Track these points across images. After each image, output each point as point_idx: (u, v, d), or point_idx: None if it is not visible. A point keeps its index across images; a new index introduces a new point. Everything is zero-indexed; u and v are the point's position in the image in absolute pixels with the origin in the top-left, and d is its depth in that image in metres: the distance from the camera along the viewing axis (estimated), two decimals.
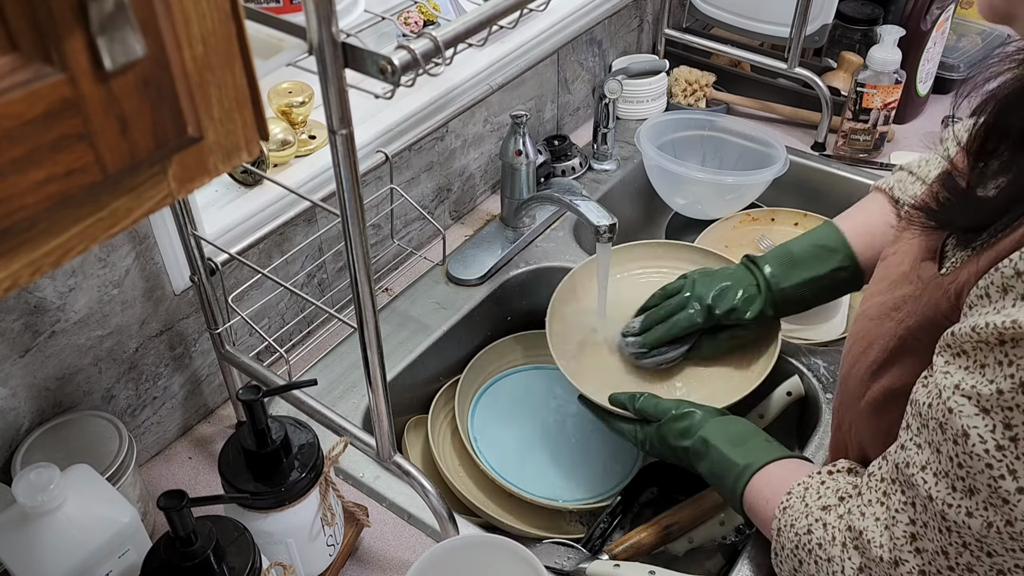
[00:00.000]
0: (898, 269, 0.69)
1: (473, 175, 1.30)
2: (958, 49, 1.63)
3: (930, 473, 0.56)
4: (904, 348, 0.64)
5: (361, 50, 0.53)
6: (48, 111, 0.31)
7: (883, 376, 0.66)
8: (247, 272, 0.95)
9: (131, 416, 0.93)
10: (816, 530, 0.66)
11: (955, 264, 0.61)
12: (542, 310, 1.07)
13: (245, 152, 0.40)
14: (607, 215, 1.00)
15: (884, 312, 0.68)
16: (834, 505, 0.67)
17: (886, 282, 0.70)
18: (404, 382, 1.08)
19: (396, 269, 1.21)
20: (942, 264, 0.64)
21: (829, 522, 0.66)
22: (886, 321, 0.67)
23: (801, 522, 0.68)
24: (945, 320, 0.60)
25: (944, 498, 0.55)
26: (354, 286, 0.65)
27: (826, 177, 1.42)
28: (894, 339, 0.65)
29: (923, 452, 0.57)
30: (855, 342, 0.72)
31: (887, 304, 0.68)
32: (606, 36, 1.49)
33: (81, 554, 0.70)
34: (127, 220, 0.37)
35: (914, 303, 0.64)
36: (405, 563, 0.87)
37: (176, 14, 0.33)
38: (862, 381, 0.69)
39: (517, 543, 0.72)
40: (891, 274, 0.70)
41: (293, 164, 1.03)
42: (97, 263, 0.83)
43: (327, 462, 0.79)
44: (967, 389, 0.52)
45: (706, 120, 1.38)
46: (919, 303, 0.63)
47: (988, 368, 0.51)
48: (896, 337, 0.65)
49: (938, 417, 0.55)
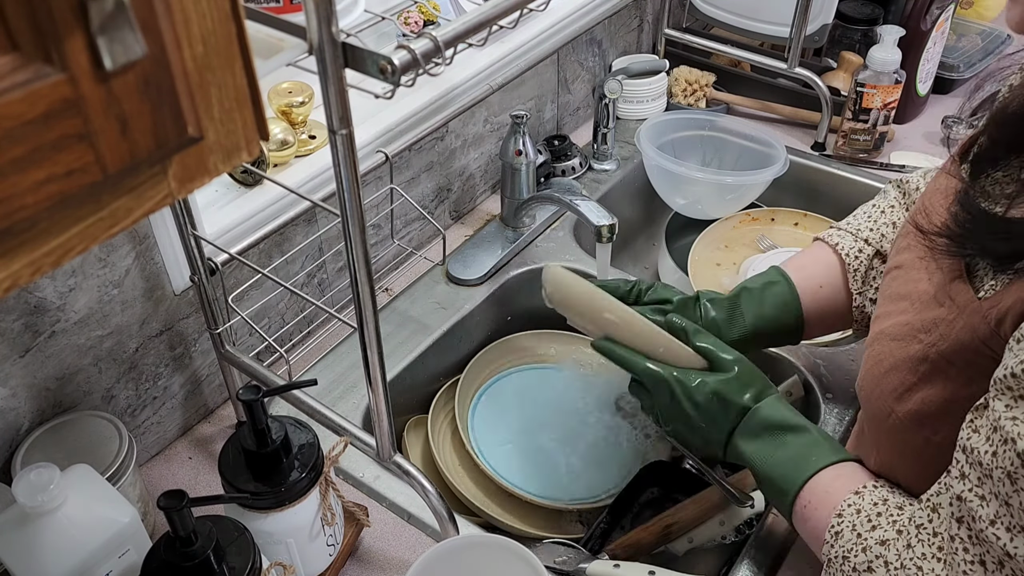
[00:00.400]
0: (918, 287, 0.66)
1: (473, 175, 1.30)
2: (958, 49, 1.63)
3: (1002, 528, 0.53)
4: (935, 372, 0.62)
5: (361, 50, 0.53)
6: (48, 111, 0.31)
7: (910, 399, 0.64)
8: (247, 272, 0.95)
9: (131, 416, 0.93)
10: (877, 569, 0.63)
11: (994, 288, 0.59)
12: (542, 310, 1.06)
13: (245, 152, 0.40)
14: (607, 215, 1.00)
15: (908, 334, 0.65)
16: (892, 540, 0.63)
17: (906, 301, 0.67)
18: (404, 382, 1.08)
19: (396, 269, 1.21)
20: (974, 285, 0.61)
21: (890, 561, 0.62)
22: (911, 343, 0.64)
23: (859, 556, 0.64)
24: (983, 345, 0.58)
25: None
26: (354, 286, 0.65)
27: (826, 177, 1.42)
28: (924, 363, 0.63)
29: (989, 505, 0.54)
30: (875, 363, 0.68)
31: (912, 325, 0.65)
32: (606, 36, 1.49)
33: (81, 554, 0.70)
34: (127, 220, 0.37)
35: (947, 327, 0.61)
36: (405, 563, 0.87)
37: (176, 14, 0.33)
38: (886, 403, 0.66)
39: (517, 543, 0.72)
40: (911, 293, 0.67)
41: (293, 164, 1.03)
42: (97, 263, 0.83)
43: (327, 462, 0.79)
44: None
45: (706, 120, 1.38)
46: (953, 327, 0.61)
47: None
48: (927, 361, 0.62)
49: (1006, 467, 0.52)
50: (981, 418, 0.56)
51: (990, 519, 0.54)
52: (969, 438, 0.56)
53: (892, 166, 1.41)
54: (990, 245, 0.60)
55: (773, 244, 1.30)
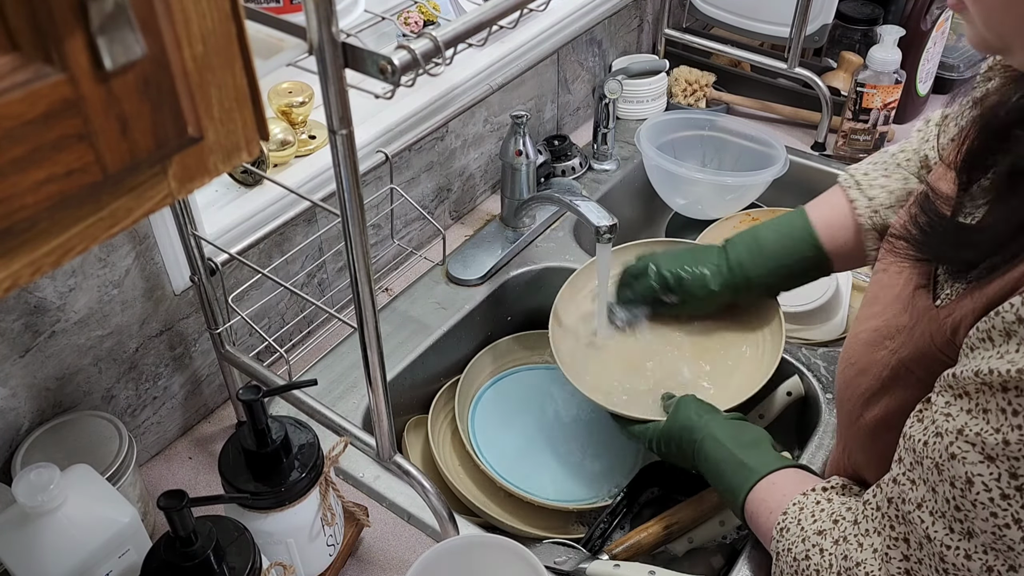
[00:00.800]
0: (890, 292, 0.68)
1: (473, 175, 1.30)
2: (958, 49, 1.62)
3: (926, 512, 0.56)
4: (897, 378, 0.64)
5: (361, 50, 0.53)
6: (48, 111, 0.31)
7: (876, 405, 0.66)
8: (247, 272, 0.95)
9: (131, 416, 0.93)
10: (813, 556, 0.66)
11: (950, 297, 0.60)
12: (542, 310, 1.07)
13: (245, 152, 0.40)
14: (607, 215, 1.00)
15: (876, 340, 0.67)
16: (828, 529, 0.66)
17: (879, 305, 0.69)
18: (404, 382, 1.08)
19: (396, 269, 1.21)
20: (935, 293, 0.62)
21: (825, 548, 0.65)
22: (878, 349, 0.66)
23: (798, 547, 0.68)
24: (939, 353, 0.59)
25: (942, 539, 0.55)
26: (354, 286, 0.65)
27: (826, 177, 1.41)
28: (887, 368, 0.64)
29: (918, 489, 0.57)
30: (847, 365, 0.71)
31: (880, 331, 0.67)
32: (606, 36, 1.49)
33: (81, 554, 0.70)
34: (127, 220, 0.37)
35: (908, 334, 0.63)
36: (405, 563, 0.87)
37: (176, 14, 0.33)
38: (855, 406, 0.69)
39: (517, 543, 0.72)
40: (883, 297, 0.69)
41: (293, 164, 1.03)
42: (97, 263, 0.83)
43: (327, 462, 0.79)
44: (971, 436, 0.52)
45: (706, 120, 1.38)
46: (912, 334, 0.62)
47: (991, 414, 0.51)
48: (889, 367, 0.64)
49: (934, 457, 0.55)
50: (927, 410, 0.58)
51: (917, 502, 0.57)
52: (911, 426, 0.59)
53: None
54: (945, 252, 0.61)
55: None
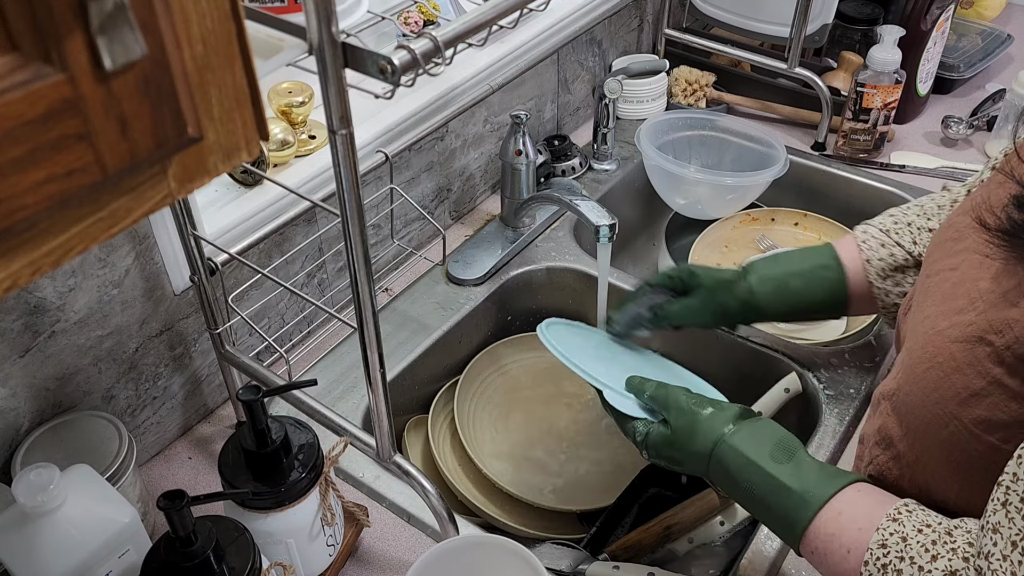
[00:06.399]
0: (978, 286, 0.63)
1: (473, 175, 1.30)
2: (958, 49, 1.63)
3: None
4: (1011, 375, 0.58)
5: (361, 50, 0.53)
6: (48, 111, 0.31)
7: (979, 404, 0.60)
8: (247, 272, 0.95)
9: (131, 416, 0.93)
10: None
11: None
12: (542, 310, 1.07)
13: (245, 152, 0.40)
14: (607, 215, 1.00)
15: (975, 334, 0.61)
16: (962, 570, 0.58)
17: (962, 300, 0.64)
18: (404, 382, 1.08)
19: (396, 269, 1.21)
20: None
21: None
22: (979, 345, 0.60)
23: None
24: None
25: None
26: (354, 286, 0.65)
27: (826, 177, 1.42)
28: (999, 365, 0.59)
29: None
30: (932, 366, 0.63)
31: (980, 326, 0.61)
32: (606, 36, 1.49)
33: (81, 554, 0.70)
34: (127, 220, 0.37)
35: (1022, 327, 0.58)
36: (405, 563, 0.87)
37: (176, 14, 0.33)
38: (946, 408, 0.62)
39: (517, 543, 0.72)
40: (965, 292, 0.64)
41: (293, 164, 1.03)
42: (97, 263, 0.83)
43: (327, 462, 0.79)
44: None
45: (706, 120, 1.38)
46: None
47: None
48: (1002, 363, 0.59)
49: None
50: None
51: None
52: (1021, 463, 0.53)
53: (892, 166, 1.42)
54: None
55: (773, 244, 1.30)
